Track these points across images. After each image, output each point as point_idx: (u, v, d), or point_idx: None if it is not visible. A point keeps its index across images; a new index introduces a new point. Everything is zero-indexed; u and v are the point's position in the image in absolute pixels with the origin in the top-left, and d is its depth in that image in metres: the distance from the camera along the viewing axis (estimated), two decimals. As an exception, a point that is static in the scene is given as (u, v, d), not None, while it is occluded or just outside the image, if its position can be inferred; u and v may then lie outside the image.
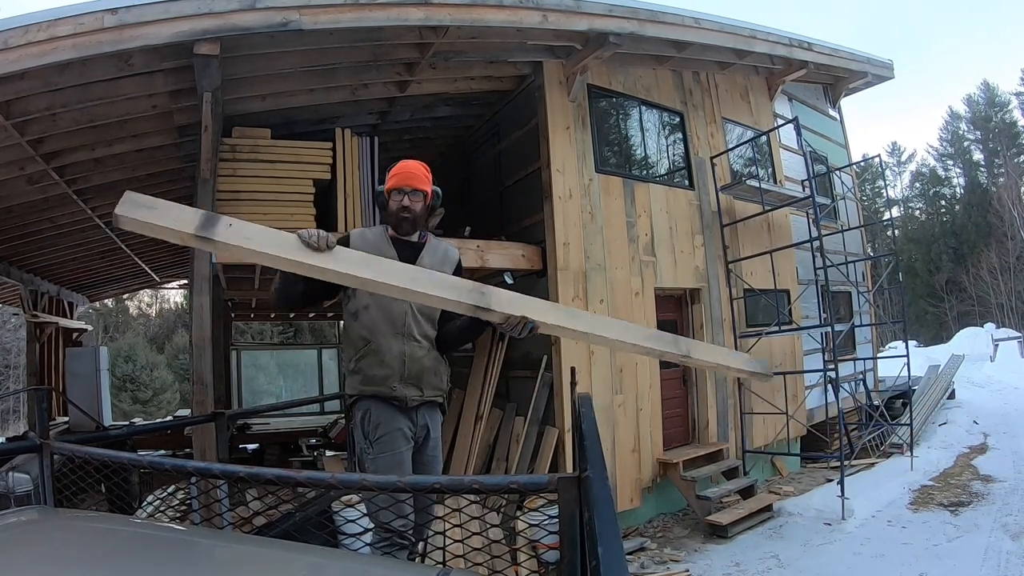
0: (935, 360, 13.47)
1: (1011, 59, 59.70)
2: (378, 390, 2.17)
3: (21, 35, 3.20)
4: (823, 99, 9.54)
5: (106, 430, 6.48)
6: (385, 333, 2.19)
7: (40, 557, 1.14)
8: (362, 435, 2.17)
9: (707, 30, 6.00)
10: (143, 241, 8.56)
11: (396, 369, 2.18)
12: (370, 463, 2.13)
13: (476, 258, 5.25)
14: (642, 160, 6.54)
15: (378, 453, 2.13)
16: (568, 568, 1.17)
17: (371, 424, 2.16)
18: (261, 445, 8.54)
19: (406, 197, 2.22)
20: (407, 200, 2.22)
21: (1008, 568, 4.27)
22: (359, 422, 2.19)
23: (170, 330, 26.59)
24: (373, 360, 2.18)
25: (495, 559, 3.56)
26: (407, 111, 5.98)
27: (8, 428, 17.64)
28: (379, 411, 2.17)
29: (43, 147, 4.62)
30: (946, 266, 31.73)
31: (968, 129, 36.15)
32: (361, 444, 2.18)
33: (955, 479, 6.67)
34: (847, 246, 8.69)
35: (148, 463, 1.72)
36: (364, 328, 2.20)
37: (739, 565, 4.71)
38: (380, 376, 2.18)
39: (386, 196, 2.26)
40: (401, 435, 2.17)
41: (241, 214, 4.42)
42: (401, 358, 2.19)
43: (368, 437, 2.15)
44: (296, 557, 1.31)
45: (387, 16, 4.03)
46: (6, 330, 19.72)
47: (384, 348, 2.17)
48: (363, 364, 2.19)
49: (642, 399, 5.84)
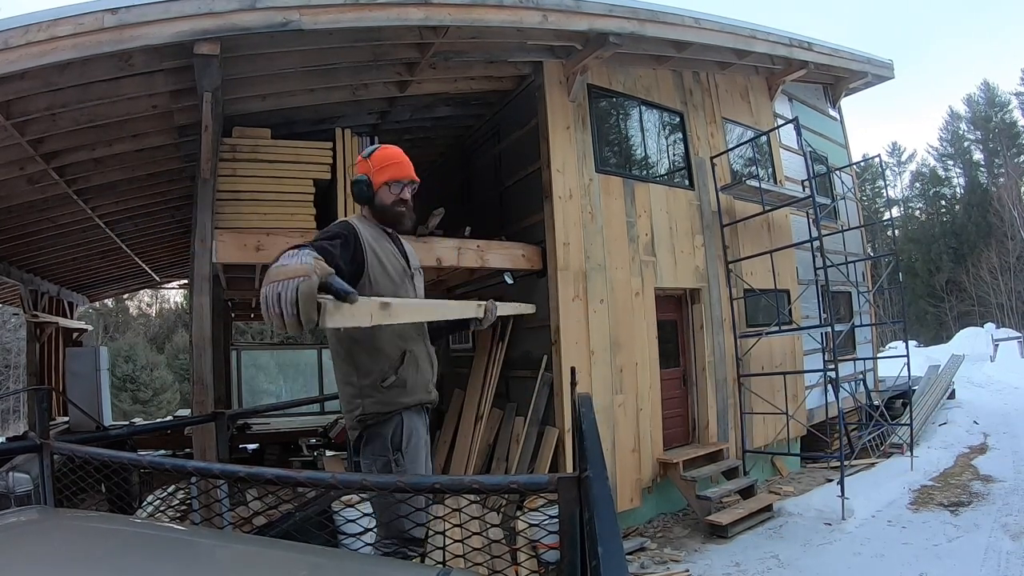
0: (935, 360, 13.47)
1: (1011, 59, 59.94)
2: (420, 398, 2.04)
3: (21, 35, 3.20)
4: (823, 99, 9.54)
5: (106, 430, 6.48)
6: (415, 337, 2.05)
7: (40, 557, 1.14)
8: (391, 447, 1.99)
9: (707, 30, 6.01)
10: (143, 241, 8.57)
11: (430, 374, 2.09)
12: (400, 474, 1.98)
13: (476, 258, 5.24)
14: (642, 160, 6.54)
15: (409, 463, 2.00)
16: (568, 568, 1.17)
17: (404, 435, 2.01)
18: (261, 445, 8.53)
19: (405, 189, 2.07)
20: (407, 192, 2.07)
21: (1008, 568, 4.27)
22: (389, 437, 1.99)
23: (170, 330, 26.61)
24: (413, 368, 2.02)
25: (495, 559, 3.56)
26: (407, 111, 5.98)
27: (8, 428, 17.64)
28: (409, 420, 2.02)
29: (43, 147, 4.61)
30: (946, 266, 31.74)
31: (968, 129, 36.18)
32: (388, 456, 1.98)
33: (955, 479, 6.67)
34: (847, 246, 8.70)
35: (148, 463, 1.73)
36: (397, 336, 1.99)
37: (739, 565, 4.71)
38: (421, 384, 2.04)
39: (375, 188, 2.05)
40: (424, 442, 2.09)
41: (241, 214, 4.44)
42: (430, 360, 2.11)
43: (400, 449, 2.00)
44: (296, 557, 1.31)
45: (387, 16, 4.03)
46: (6, 330, 19.73)
47: (419, 353, 2.05)
48: (406, 374, 2.00)
49: (642, 399, 5.84)
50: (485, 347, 6.24)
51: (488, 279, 6.21)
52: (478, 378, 6.15)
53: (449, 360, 7.38)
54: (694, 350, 6.63)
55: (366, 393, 1.97)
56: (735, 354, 6.81)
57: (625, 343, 5.77)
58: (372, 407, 1.97)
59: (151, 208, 6.98)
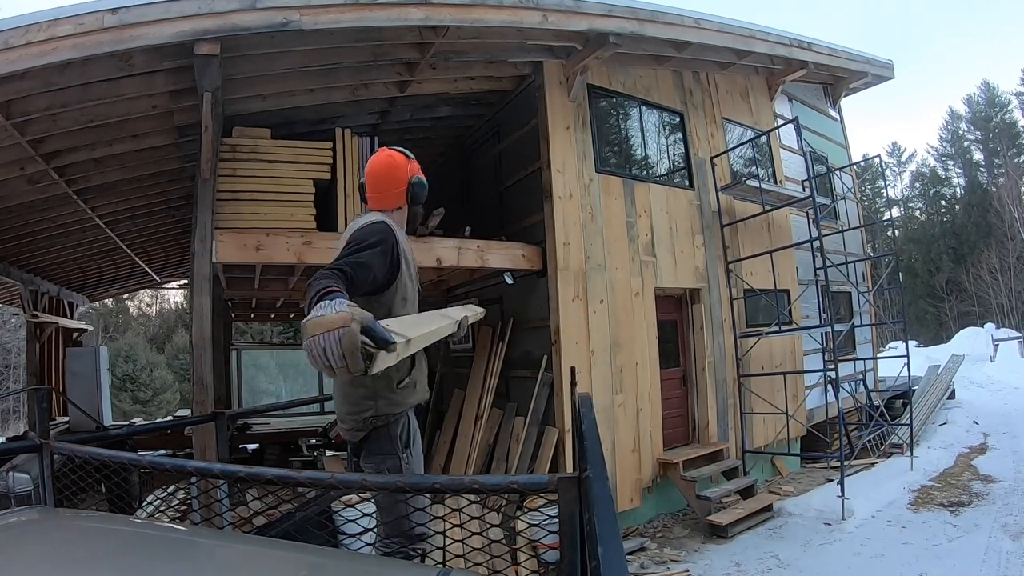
0: (935, 360, 13.47)
1: (1011, 59, 59.77)
2: (422, 397, 2.09)
3: (21, 35, 3.19)
4: (823, 99, 9.54)
5: (106, 430, 6.48)
6: None
7: (40, 557, 1.14)
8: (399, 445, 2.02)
9: (707, 30, 6.01)
10: (143, 241, 8.57)
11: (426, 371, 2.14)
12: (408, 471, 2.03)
13: (476, 258, 5.24)
14: (642, 160, 6.54)
15: (414, 458, 2.05)
16: (568, 568, 1.17)
17: (410, 432, 2.07)
18: (261, 445, 8.54)
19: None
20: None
21: (1008, 568, 4.27)
22: (398, 436, 2.02)
23: (170, 330, 26.60)
24: (420, 370, 2.07)
25: (495, 559, 3.56)
26: (407, 111, 5.98)
27: (8, 428, 17.64)
28: (411, 417, 2.09)
29: (43, 147, 4.61)
30: (946, 266, 31.74)
31: (968, 129, 36.17)
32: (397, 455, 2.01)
33: (955, 479, 6.67)
34: (847, 246, 8.70)
35: (148, 463, 1.72)
36: None
37: (739, 565, 4.71)
38: (422, 384, 2.09)
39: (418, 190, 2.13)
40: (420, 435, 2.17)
41: (241, 214, 4.44)
42: (426, 360, 2.14)
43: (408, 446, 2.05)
44: (296, 557, 1.31)
45: (387, 16, 4.03)
46: (6, 330, 19.72)
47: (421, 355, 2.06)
48: (417, 375, 2.05)
49: (642, 399, 5.84)
50: (485, 347, 6.24)
51: (488, 279, 6.21)
52: (478, 378, 6.15)
53: (449, 360, 7.38)
54: (694, 350, 6.63)
55: (381, 395, 1.97)
56: (735, 354, 6.81)
57: (625, 343, 5.77)
58: (385, 408, 1.98)
59: (151, 208, 6.98)
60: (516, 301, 6.04)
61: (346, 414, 2.04)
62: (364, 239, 1.85)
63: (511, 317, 6.06)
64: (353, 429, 2.04)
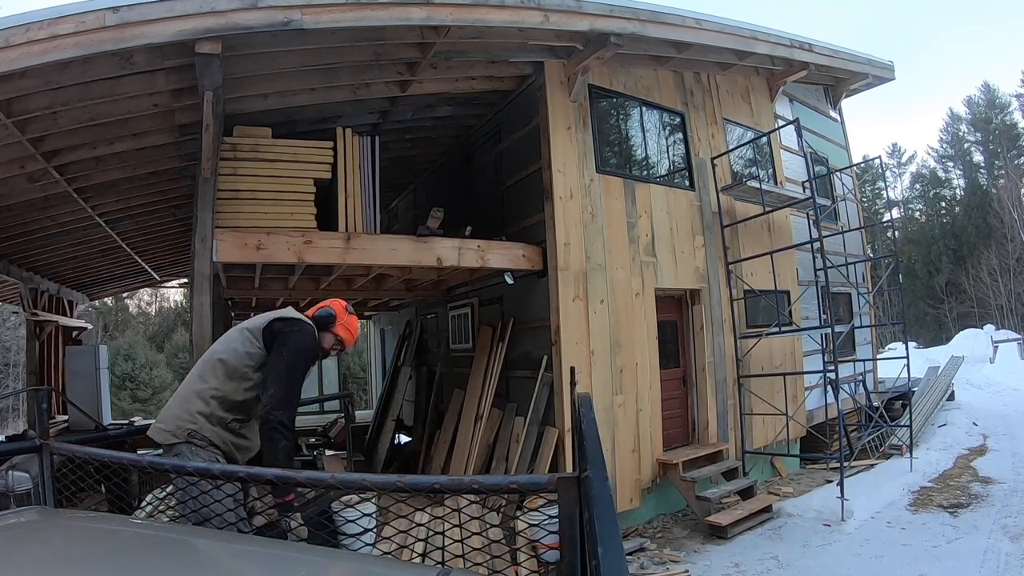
0: (935, 361, 13.46)
1: (1011, 60, 59.74)
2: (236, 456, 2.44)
3: (22, 33, 3.19)
4: (824, 100, 9.54)
5: (105, 429, 6.47)
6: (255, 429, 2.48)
7: (40, 557, 1.14)
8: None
9: (708, 31, 6.00)
10: (143, 240, 8.56)
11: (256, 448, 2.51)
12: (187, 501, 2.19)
13: (477, 258, 5.24)
14: (643, 160, 6.54)
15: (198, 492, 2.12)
16: (568, 568, 1.17)
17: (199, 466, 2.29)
18: (261, 444, 8.51)
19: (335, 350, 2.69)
20: (334, 351, 2.70)
21: (1007, 570, 4.27)
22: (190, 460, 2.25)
23: (170, 329, 26.61)
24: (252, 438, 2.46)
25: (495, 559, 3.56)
26: (408, 110, 5.97)
27: (8, 426, 17.64)
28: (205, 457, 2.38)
29: (44, 145, 4.61)
30: (946, 267, 31.71)
31: (968, 131, 36.14)
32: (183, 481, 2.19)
33: (954, 480, 6.67)
34: (847, 247, 8.70)
35: (148, 463, 1.72)
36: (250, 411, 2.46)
37: (739, 566, 4.71)
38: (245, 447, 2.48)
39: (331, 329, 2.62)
40: None
41: (242, 213, 4.44)
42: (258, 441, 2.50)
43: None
44: (296, 557, 1.31)
45: (389, 15, 4.02)
46: (6, 328, 19.72)
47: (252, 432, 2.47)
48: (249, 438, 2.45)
49: (642, 399, 5.84)
50: (485, 347, 6.24)
51: (488, 279, 6.21)
52: (478, 378, 6.15)
53: (449, 360, 7.38)
54: (694, 351, 6.63)
55: (212, 420, 2.30)
56: (735, 355, 6.81)
57: (625, 343, 5.77)
58: (208, 432, 2.29)
59: (151, 207, 6.97)
60: (516, 301, 6.04)
61: (173, 416, 2.28)
62: (297, 348, 2.41)
63: (511, 317, 6.06)
64: (167, 431, 2.27)
